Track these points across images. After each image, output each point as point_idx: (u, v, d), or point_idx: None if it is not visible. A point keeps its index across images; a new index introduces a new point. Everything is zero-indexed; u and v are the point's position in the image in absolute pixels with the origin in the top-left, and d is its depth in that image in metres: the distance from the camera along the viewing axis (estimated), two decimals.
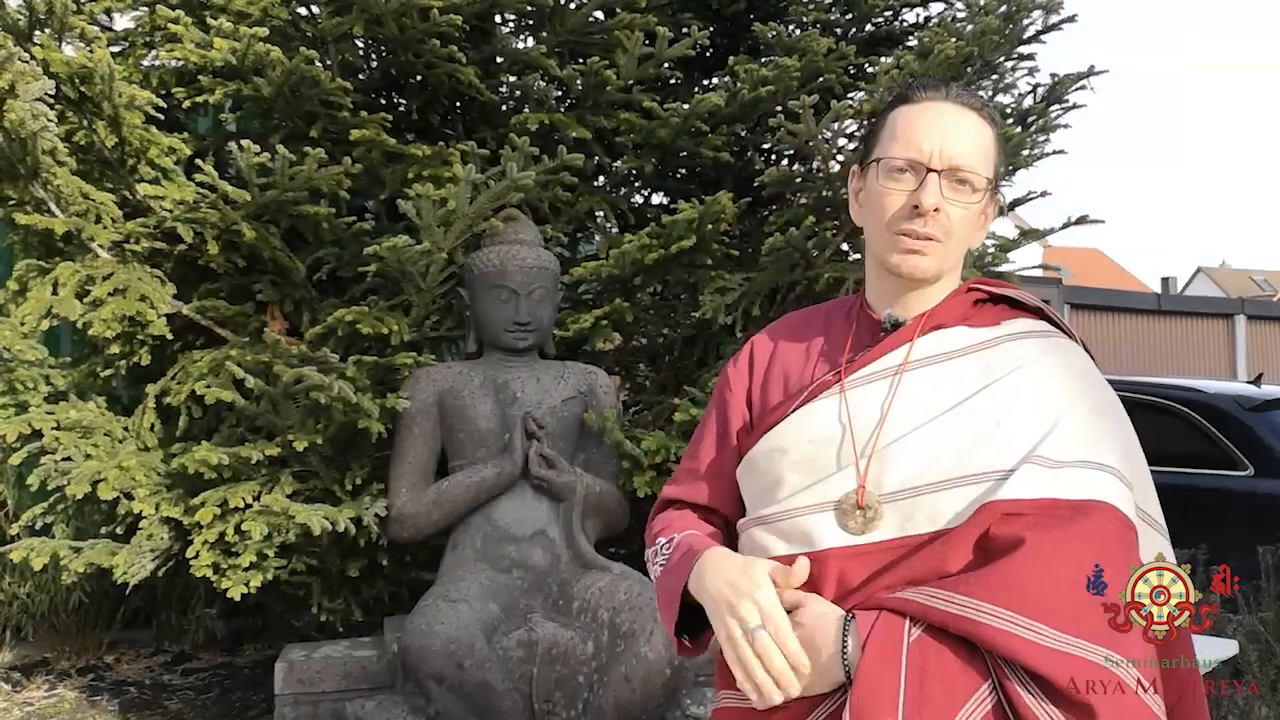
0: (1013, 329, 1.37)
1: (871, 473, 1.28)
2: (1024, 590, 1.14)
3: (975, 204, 1.34)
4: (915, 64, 3.70)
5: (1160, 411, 5.64)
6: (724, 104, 3.80)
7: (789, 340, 1.50)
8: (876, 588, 1.23)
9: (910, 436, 1.28)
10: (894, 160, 1.34)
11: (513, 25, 4.36)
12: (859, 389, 1.35)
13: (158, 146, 3.52)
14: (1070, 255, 39.80)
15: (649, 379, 4.47)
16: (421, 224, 3.26)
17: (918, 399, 1.31)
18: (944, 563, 1.20)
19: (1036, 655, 1.11)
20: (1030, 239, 4.47)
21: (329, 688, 3.24)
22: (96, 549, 3.39)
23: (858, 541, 1.26)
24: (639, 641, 2.91)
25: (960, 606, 1.15)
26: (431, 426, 3.42)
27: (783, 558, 1.29)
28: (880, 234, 1.37)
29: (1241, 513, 5.14)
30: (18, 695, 4.07)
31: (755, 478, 1.41)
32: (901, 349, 1.36)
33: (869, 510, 1.26)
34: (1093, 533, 1.18)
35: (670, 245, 3.61)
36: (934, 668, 1.15)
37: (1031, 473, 1.21)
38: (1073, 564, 1.16)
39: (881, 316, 1.41)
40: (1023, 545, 1.16)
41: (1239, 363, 16.76)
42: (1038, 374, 1.31)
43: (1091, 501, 1.19)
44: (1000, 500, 1.20)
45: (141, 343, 3.60)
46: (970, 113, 1.36)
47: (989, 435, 1.26)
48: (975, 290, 1.41)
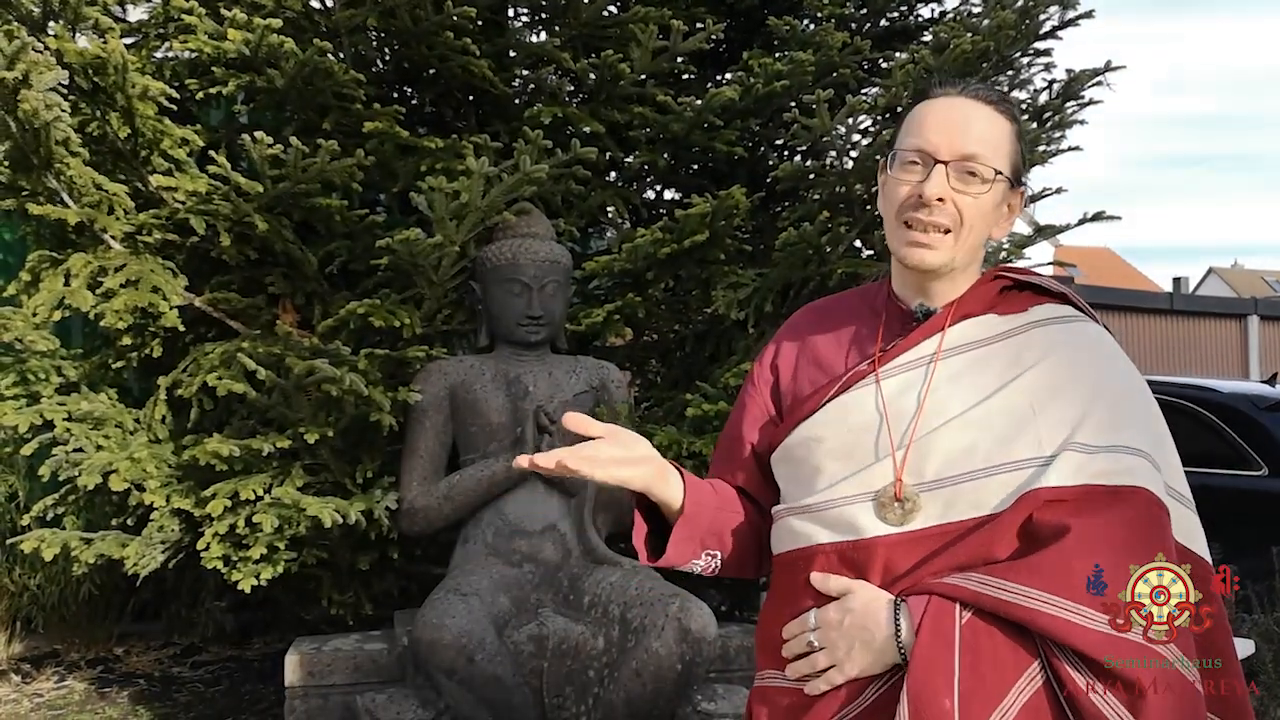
0: (1040, 315, 1.41)
1: (911, 462, 1.32)
2: (1073, 575, 1.19)
3: (985, 194, 1.36)
4: (930, 59, 3.68)
5: (1174, 411, 5.61)
6: (738, 98, 3.79)
7: (817, 331, 1.54)
8: (924, 574, 1.28)
9: (949, 425, 1.33)
10: (905, 152, 1.38)
11: (526, 18, 4.34)
12: (894, 378, 1.39)
13: (171, 138, 3.52)
14: (1082, 254, 39.67)
15: (660, 374, 4.46)
16: (434, 217, 3.25)
17: (952, 387, 1.36)
18: (991, 548, 1.25)
19: (1087, 639, 1.17)
20: (1044, 236, 4.44)
21: (339, 680, 3.23)
22: (107, 540, 3.39)
23: (900, 530, 1.31)
24: (650, 637, 2.90)
25: (1011, 593, 1.20)
26: (443, 420, 3.41)
27: (827, 545, 1.35)
28: (891, 223, 1.41)
29: (1256, 512, 5.12)
30: (27, 686, 4.08)
31: (792, 466, 1.45)
32: (934, 338, 1.40)
33: (907, 503, 1.31)
34: (1131, 518, 1.23)
35: (683, 240, 3.60)
36: (986, 649, 1.20)
37: (1070, 460, 1.26)
38: (1115, 550, 1.21)
39: (913, 306, 1.44)
40: (1068, 532, 1.21)
41: (1252, 363, 16.69)
42: (1067, 359, 1.35)
43: (1128, 488, 1.25)
44: (1043, 488, 1.24)
45: (153, 334, 3.60)
46: (984, 106, 1.39)
47: (1026, 422, 1.30)
48: (1001, 277, 1.45)
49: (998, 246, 4.19)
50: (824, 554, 1.35)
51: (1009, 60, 4.12)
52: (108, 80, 3.26)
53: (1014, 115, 1.41)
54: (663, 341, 4.44)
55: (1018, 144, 1.41)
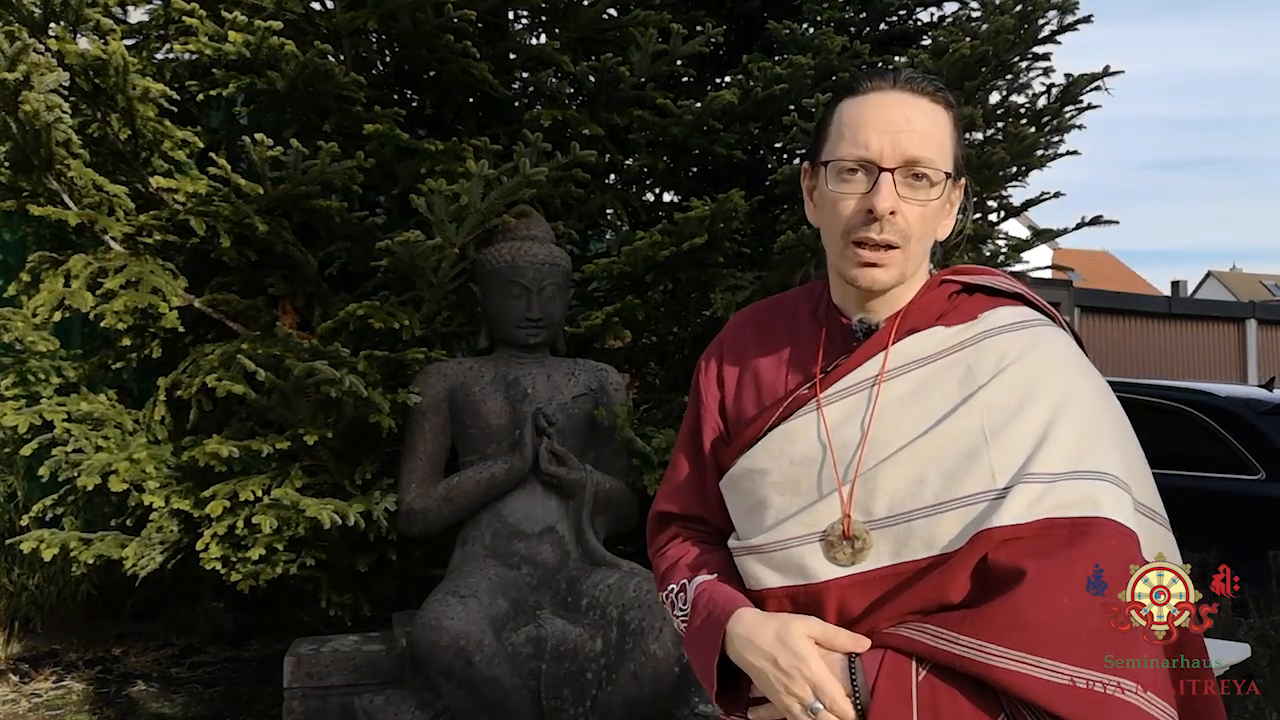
0: (991, 323, 1.29)
1: (858, 498, 1.23)
2: (1030, 627, 1.10)
3: (935, 199, 1.25)
4: (930, 62, 3.69)
5: (1171, 414, 5.62)
6: (737, 102, 3.80)
7: (757, 342, 1.43)
8: (879, 618, 1.21)
9: (895, 458, 1.22)
10: (843, 162, 1.25)
11: (526, 21, 4.35)
12: (836, 404, 1.29)
13: (171, 139, 3.52)
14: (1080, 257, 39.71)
15: (659, 376, 4.46)
16: (434, 219, 3.25)
17: (899, 413, 1.25)
18: (944, 592, 1.16)
19: (1050, 694, 1.09)
20: (1042, 239, 4.46)
21: (337, 682, 3.24)
22: (106, 541, 3.39)
23: (851, 571, 1.22)
24: (648, 639, 2.90)
25: (966, 648, 1.12)
26: (442, 422, 3.42)
27: (777, 589, 1.27)
28: (836, 243, 1.29)
29: (1252, 516, 5.13)
30: (26, 686, 4.09)
31: (739, 497, 1.37)
32: (877, 357, 1.29)
33: (856, 540, 1.22)
34: (1095, 554, 1.13)
35: (682, 243, 3.60)
36: (946, 706, 1.13)
37: (1026, 493, 1.15)
38: (1077, 592, 1.12)
39: (852, 323, 1.33)
40: (1024, 578, 1.11)
41: (1250, 367, 16.69)
42: (1022, 375, 1.24)
43: (1090, 519, 1.14)
44: (995, 527, 1.15)
45: (153, 335, 3.60)
46: (921, 99, 1.26)
47: (978, 451, 1.19)
48: (949, 282, 1.33)
49: (995, 250, 4.20)
50: (775, 598, 1.28)
51: (1008, 64, 4.13)
52: (108, 82, 3.26)
53: (950, 102, 1.29)
54: (662, 344, 4.45)
55: (958, 133, 1.30)
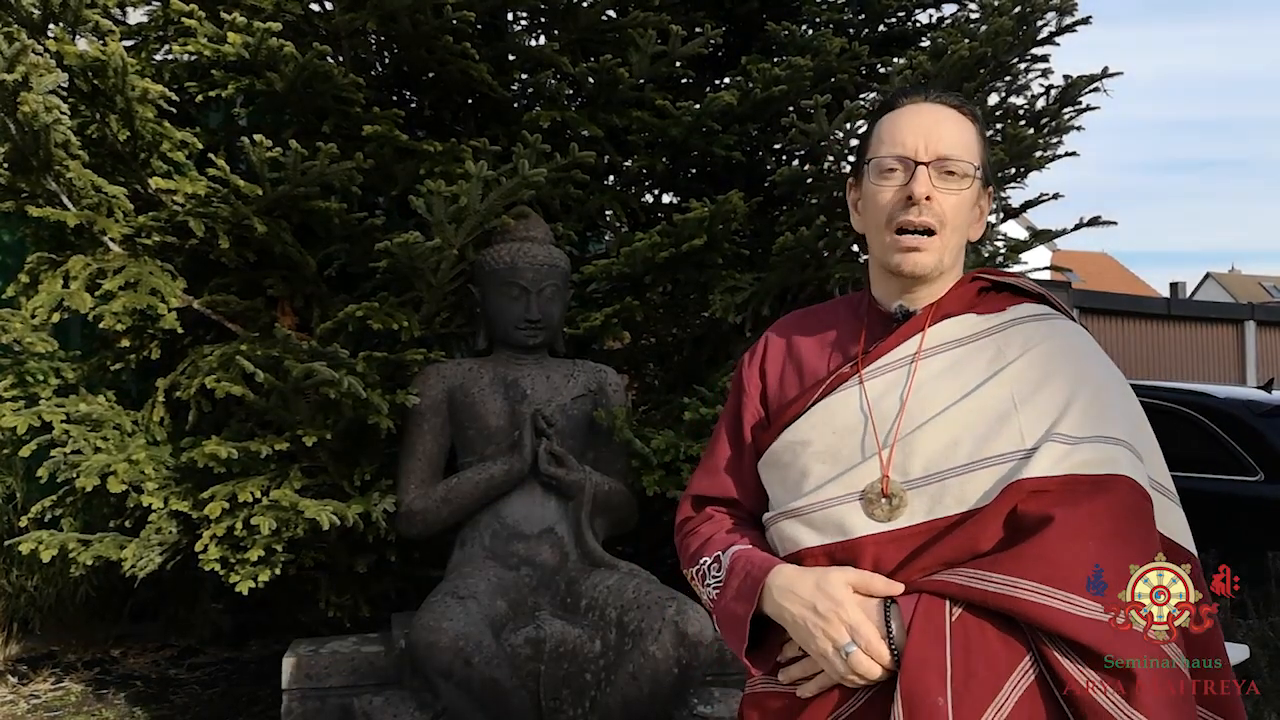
0: (1018, 314, 1.43)
1: (896, 460, 1.33)
2: (1057, 564, 1.20)
3: (966, 190, 1.40)
4: (928, 64, 3.69)
5: (1171, 416, 5.62)
6: (736, 103, 3.80)
7: (801, 335, 1.56)
8: (912, 570, 1.29)
9: (932, 422, 1.33)
10: (883, 160, 1.42)
11: (525, 22, 4.35)
12: (877, 379, 1.41)
13: (170, 140, 3.52)
14: (1079, 259, 39.73)
15: (659, 377, 4.46)
16: (433, 220, 3.25)
17: (935, 386, 1.37)
18: (976, 541, 1.26)
19: (1075, 625, 1.17)
20: (1041, 240, 4.45)
21: (336, 683, 3.23)
22: (105, 542, 3.39)
23: (888, 528, 1.31)
24: (647, 640, 2.90)
25: (997, 584, 1.21)
26: (441, 423, 3.42)
27: (815, 548, 1.36)
28: (879, 235, 1.43)
29: (1252, 517, 5.13)
30: (24, 688, 4.08)
31: (779, 471, 1.46)
32: (914, 338, 1.41)
33: (894, 498, 1.32)
34: (1114, 505, 1.24)
35: (681, 244, 3.60)
36: (977, 644, 1.21)
37: (1052, 450, 1.26)
38: (1100, 538, 1.22)
39: (892, 308, 1.46)
40: (1052, 521, 1.21)
41: (1249, 368, 16.70)
42: (1047, 354, 1.37)
43: (1110, 476, 1.25)
44: (1026, 479, 1.25)
45: (152, 336, 3.60)
46: (950, 110, 1.43)
47: (1008, 415, 1.31)
48: (979, 280, 1.47)
49: (994, 251, 4.20)
50: (812, 556, 1.36)
51: (1006, 66, 4.12)
52: (107, 83, 3.26)
53: (976, 117, 1.46)
54: (661, 345, 4.45)
55: (983, 141, 1.45)
